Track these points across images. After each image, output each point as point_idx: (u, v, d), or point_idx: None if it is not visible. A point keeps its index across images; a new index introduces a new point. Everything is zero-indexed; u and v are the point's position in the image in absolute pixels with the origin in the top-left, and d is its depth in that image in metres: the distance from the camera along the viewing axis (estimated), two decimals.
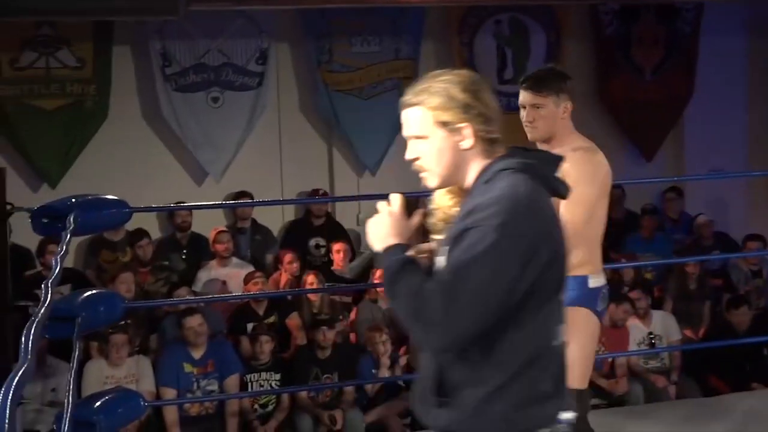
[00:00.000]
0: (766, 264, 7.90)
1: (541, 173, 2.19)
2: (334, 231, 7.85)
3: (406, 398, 5.83)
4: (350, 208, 8.14)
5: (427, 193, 2.31)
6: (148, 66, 7.81)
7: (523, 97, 3.54)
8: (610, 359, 6.68)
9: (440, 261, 2.16)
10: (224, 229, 7.45)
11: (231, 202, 7.61)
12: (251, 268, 7.07)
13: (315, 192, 7.92)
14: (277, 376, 6.20)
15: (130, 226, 6.54)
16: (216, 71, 7.90)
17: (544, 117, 3.52)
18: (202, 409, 6.06)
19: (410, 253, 2.18)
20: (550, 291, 2.14)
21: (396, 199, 2.25)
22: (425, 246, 2.28)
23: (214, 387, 6.04)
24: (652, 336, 6.88)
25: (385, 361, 6.27)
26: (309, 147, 8.25)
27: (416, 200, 2.32)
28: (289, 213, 8.28)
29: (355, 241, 7.81)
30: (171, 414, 5.89)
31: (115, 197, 4.07)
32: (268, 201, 7.90)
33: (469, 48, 8.26)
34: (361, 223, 7.68)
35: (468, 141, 2.19)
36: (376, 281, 6.33)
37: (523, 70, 8.38)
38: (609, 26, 8.62)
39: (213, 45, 7.90)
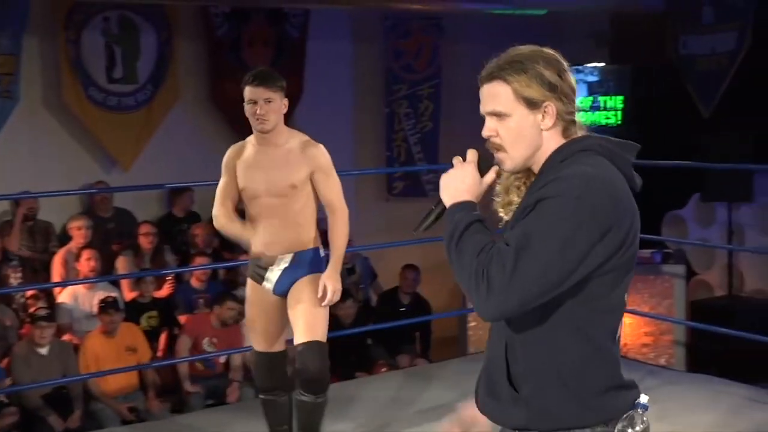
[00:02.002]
0: (358, 260, 8.34)
1: (619, 159, 2.09)
2: None
3: None
4: None
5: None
6: None
7: (255, 93, 3.91)
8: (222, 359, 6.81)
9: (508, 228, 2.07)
10: None
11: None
12: None
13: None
14: None
15: None
16: None
17: (275, 110, 3.93)
18: None
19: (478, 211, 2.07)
20: (622, 272, 2.03)
21: (472, 155, 2.14)
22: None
23: None
24: None
25: None
26: None
27: (491, 156, 2.13)
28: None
29: None
30: None
31: None
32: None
33: (75, 45, 7.95)
34: None
35: (549, 120, 2.07)
36: None
37: (134, 69, 8.25)
38: (220, 28, 8.68)
39: None
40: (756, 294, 8.32)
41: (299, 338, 3.99)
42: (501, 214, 2.20)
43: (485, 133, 2.12)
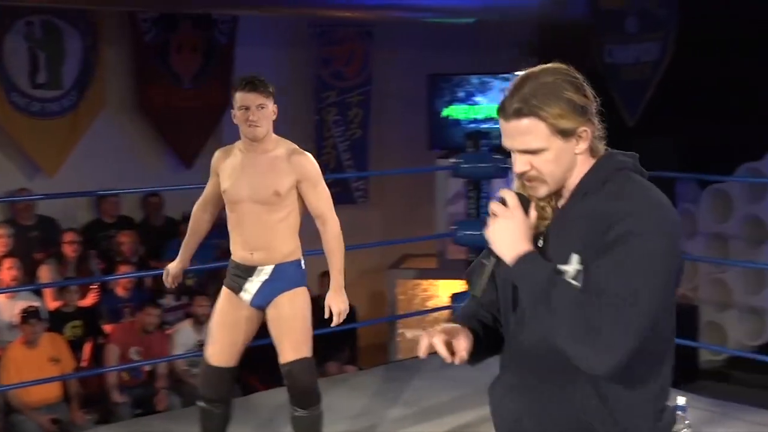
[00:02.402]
0: None
1: (643, 172, 2.04)
2: None
3: None
4: None
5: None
6: None
7: (247, 98, 3.84)
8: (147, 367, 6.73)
9: (569, 266, 1.94)
10: None
11: None
12: None
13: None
14: None
15: None
16: None
17: (266, 116, 3.87)
18: None
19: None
20: (674, 300, 2.02)
21: (513, 198, 2.00)
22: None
23: None
24: (201, 343, 6.95)
25: None
26: None
27: (525, 194, 2.03)
28: None
29: None
30: None
31: None
32: None
33: None
34: None
35: (584, 144, 1.98)
36: None
37: (58, 74, 8.10)
38: (147, 33, 8.57)
39: None
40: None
41: (287, 357, 3.95)
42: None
43: (519, 169, 2.01)
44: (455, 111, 9.36)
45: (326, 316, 3.97)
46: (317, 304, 4.15)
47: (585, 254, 1.92)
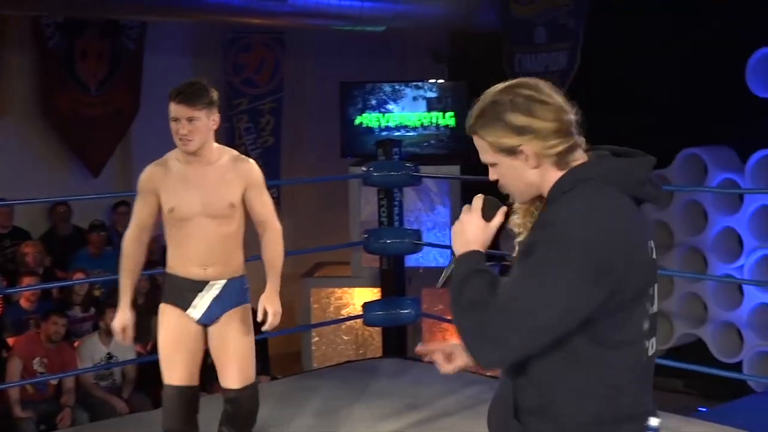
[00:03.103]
0: None
1: (626, 181, 2.07)
2: None
3: None
4: None
5: None
6: None
7: (178, 110, 3.60)
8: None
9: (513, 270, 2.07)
10: None
11: None
12: None
13: None
14: None
15: None
16: None
17: (199, 129, 3.62)
18: None
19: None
20: (630, 306, 2.02)
21: (477, 202, 2.14)
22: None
23: None
24: (110, 355, 6.80)
25: None
26: None
27: (499, 199, 2.16)
28: None
29: None
30: None
31: None
32: None
33: None
34: None
35: (533, 160, 2.07)
36: None
37: None
38: (51, 39, 8.38)
39: None
40: None
41: (232, 383, 3.80)
42: (517, 233, 2.21)
43: (491, 178, 2.16)
44: (368, 119, 9.37)
45: (260, 318, 3.80)
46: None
47: (519, 260, 2.08)
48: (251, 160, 3.88)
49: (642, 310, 2.05)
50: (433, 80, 9.54)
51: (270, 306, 3.77)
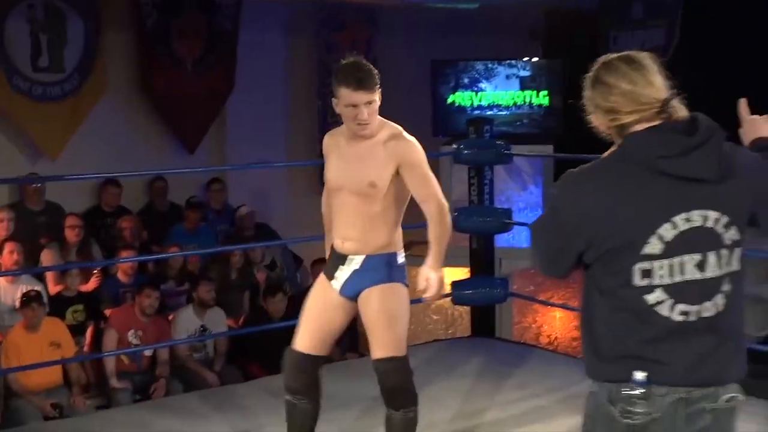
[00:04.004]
0: (277, 254, 8.29)
1: (636, 155, 2.24)
2: None
3: None
4: None
5: None
6: None
7: (359, 97, 3.61)
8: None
9: None
10: None
11: None
12: None
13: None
14: None
15: None
16: None
17: (375, 111, 3.68)
18: None
19: None
20: (613, 260, 2.27)
21: None
22: None
23: None
24: (203, 328, 6.96)
25: None
26: None
27: None
28: None
29: None
30: None
31: None
32: None
33: None
34: None
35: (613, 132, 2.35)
36: None
37: (60, 58, 8.07)
38: (149, 18, 8.52)
39: None
40: None
41: (376, 353, 3.80)
42: None
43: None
44: (460, 97, 9.31)
45: (421, 287, 3.78)
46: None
47: None
48: (409, 138, 3.80)
49: (628, 264, 2.24)
50: (526, 58, 9.42)
51: (432, 274, 3.76)
